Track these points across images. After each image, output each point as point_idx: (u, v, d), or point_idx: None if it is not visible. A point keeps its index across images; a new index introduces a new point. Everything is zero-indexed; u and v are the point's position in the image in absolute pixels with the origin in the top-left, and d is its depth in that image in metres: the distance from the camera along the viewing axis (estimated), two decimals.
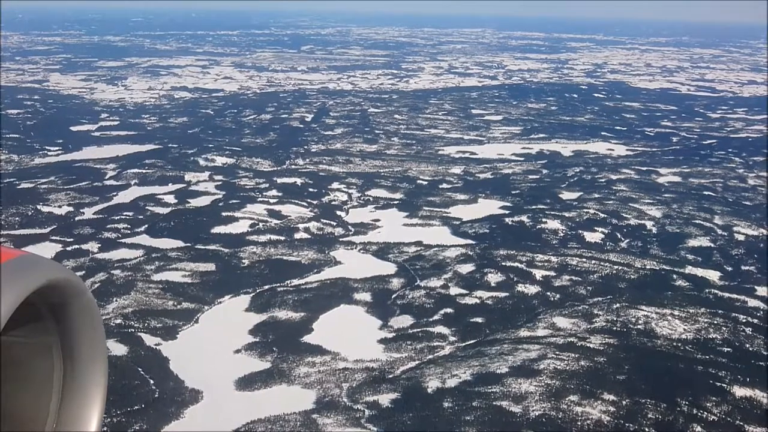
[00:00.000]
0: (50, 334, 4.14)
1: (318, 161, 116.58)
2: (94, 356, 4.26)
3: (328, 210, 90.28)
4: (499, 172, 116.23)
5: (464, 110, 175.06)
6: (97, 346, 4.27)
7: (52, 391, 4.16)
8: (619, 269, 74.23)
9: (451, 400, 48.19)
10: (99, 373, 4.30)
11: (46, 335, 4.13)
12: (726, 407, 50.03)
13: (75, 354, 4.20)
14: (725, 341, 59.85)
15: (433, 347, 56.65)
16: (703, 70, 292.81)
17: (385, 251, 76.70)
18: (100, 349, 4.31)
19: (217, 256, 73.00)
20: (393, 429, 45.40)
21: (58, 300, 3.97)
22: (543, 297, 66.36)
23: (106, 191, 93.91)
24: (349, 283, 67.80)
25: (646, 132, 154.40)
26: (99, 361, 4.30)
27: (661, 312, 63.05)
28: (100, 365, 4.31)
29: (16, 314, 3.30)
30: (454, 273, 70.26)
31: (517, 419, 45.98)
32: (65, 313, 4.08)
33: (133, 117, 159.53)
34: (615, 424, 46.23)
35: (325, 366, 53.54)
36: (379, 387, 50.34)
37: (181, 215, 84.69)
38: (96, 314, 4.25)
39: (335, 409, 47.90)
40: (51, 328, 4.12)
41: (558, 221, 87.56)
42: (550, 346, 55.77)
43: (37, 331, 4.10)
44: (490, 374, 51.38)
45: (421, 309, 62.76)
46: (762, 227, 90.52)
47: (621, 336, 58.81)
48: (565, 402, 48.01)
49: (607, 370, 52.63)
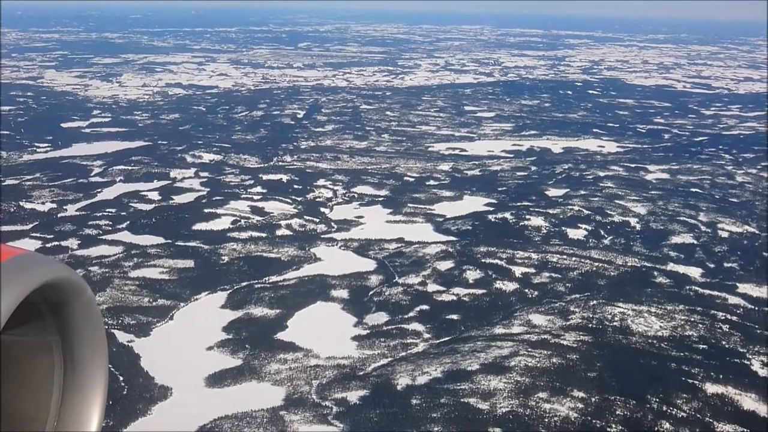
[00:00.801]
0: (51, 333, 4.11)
1: (306, 158, 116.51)
2: (94, 355, 4.23)
3: (312, 207, 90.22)
4: (487, 169, 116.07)
5: (457, 107, 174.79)
6: (97, 345, 4.24)
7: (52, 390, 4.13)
8: (600, 266, 74.07)
9: (419, 397, 48.11)
10: (100, 372, 4.27)
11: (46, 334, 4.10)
12: (696, 404, 49.95)
13: (76, 353, 4.17)
14: (701, 338, 59.72)
15: (406, 344, 56.58)
16: (699, 66, 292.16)
17: (366, 248, 76.61)
18: (101, 348, 4.27)
19: (196, 253, 72.96)
20: (359, 426, 45.31)
21: (59, 299, 3.95)
22: (521, 294, 66.26)
23: (91, 188, 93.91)
24: (327, 280, 67.74)
25: (638, 129, 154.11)
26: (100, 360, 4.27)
27: (637, 309, 62.92)
28: (100, 364, 4.27)
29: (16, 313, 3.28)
30: (433, 270, 70.15)
31: (483, 416, 45.91)
32: (66, 312, 4.05)
33: (125, 114, 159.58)
34: (582, 421, 46.13)
35: (297, 363, 53.49)
36: (348, 384, 50.27)
37: (164, 212, 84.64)
38: (97, 313, 4.22)
39: (303, 406, 47.87)
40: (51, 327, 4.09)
41: (542, 218, 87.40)
42: (524, 343, 55.65)
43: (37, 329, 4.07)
44: (460, 371, 51.28)
45: (397, 306, 62.68)
46: (747, 224, 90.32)
47: (596, 333, 58.69)
48: (534, 399, 47.92)
49: (578, 367, 52.51)
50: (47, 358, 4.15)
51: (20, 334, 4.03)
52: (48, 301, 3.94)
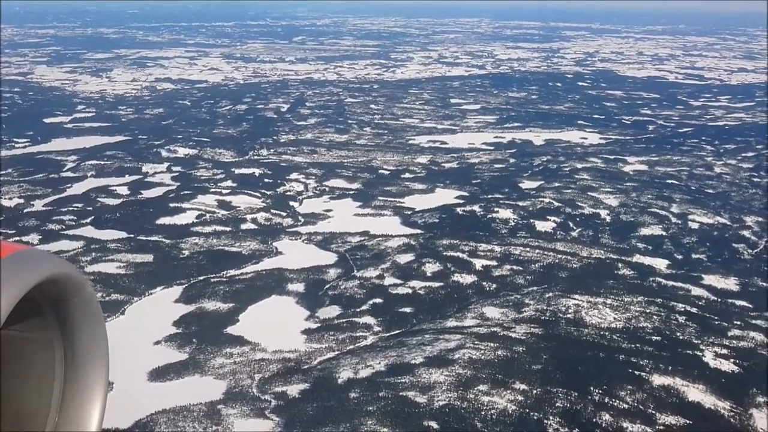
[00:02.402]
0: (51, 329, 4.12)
1: (283, 151, 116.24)
2: (95, 351, 4.25)
3: (281, 200, 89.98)
4: (465, 161, 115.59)
5: (443, 100, 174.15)
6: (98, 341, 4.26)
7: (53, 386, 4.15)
8: (563, 258, 73.69)
9: (359, 391, 47.92)
10: (100, 368, 4.28)
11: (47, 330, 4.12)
12: (640, 396, 49.67)
13: (76, 349, 4.18)
14: (655, 330, 59.39)
15: (355, 337, 56.38)
16: (694, 58, 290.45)
17: (329, 241, 76.36)
18: (102, 344, 4.29)
19: (157, 247, 72.83)
20: (294, 419, 45.16)
21: (59, 295, 3.96)
22: (478, 287, 65.95)
23: (61, 183, 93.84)
24: (285, 274, 67.53)
25: (623, 120, 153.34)
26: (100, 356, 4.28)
27: (593, 301, 62.61)
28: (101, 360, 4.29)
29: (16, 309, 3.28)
30: (392, 263, 69.88)
31: (420, 409, 45.68)
32: (66, 308, 4.06)
33: (109, 108, 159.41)
34: (520, 413, 45.88)
35: (243, 357, 53.35)
36: (291, 378, 50.12)
37: (129, 207, 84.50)
38: (97, 309, 4.23)
39: (242, 400, 47.75)
40: (52, 323, 4.11)
41: (510, 210, 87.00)
42: (472, 336, 55.39)
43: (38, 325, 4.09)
44: (404, 365, 51.06)
45: (351, 299, 62.44)
46: (719, 215, 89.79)
47: (548, 325, 58.38)
48: (473, 392, 47.68)
49: (523, 360, 52.24)
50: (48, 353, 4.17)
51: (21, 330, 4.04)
52: (48, 297, 3.96)
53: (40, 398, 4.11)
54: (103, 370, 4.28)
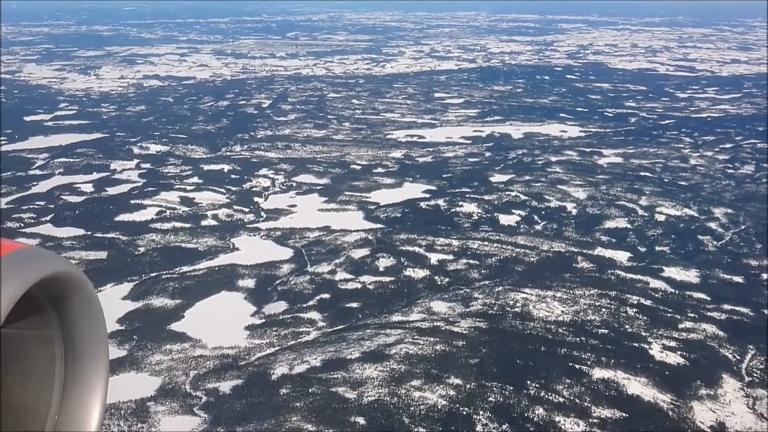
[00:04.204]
0: (52, 327, 4.14)
1: (256, 147, 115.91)
2: (95, 349, 4.25)
3: (246, 196, 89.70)
4: (440, 155, 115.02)
5: (426, 94, 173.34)
6: (98, 339, 4.27)
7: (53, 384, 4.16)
8: (522, 252, 73.24)
9: (290, 387, 47.66)
10: (100, 366, 4.29)
11: (47, 328, 4.13)
12: (578, 389, 49.33)
13: (76, 346, 4.20)
14: (603, 323, 59.01)
15: (298, 333, 56.13)
16: (688, 49, 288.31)
17: (288, 237, 76.09)
18: (102, 342, 4.30)
19: (113, 244, 72.67)
20: (221, 416, 44.92)
21: (60, 293, 3.97)
22: (430, 281, 65.56)
23: (27, 181, 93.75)
24: (238, 270, 67.30)
25: (606, 113, 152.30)
26: (100, 354, 4.29)
27: (543, 294, 62.17)
28: (101, 358, 4.29)
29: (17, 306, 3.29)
30: (346, 258, 69.54)
31: (348, 405, 45.39)
32: (67, 306, 4.08)
33: (92, 106, 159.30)
34: (449, 408, 45.53)
35: (181, 354, 53.16)
36: (225, 374, 49.88)
37: (91, 204, 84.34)
38: (97, 307, 4.24)
39: (173, 397, 47.56)
40: (52, 321, 4.13)
41: (475, 204, 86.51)
42: (413, 330, 55.05)
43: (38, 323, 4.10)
44: (340, 360, 50.76)
45: (299, 295, 62.18)
46: (687, 207, 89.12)
47: (494, 319, 57.98)
48: (405, 387, 47.35)
49: (462, 354, 51.87)
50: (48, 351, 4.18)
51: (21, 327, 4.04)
52: (49, 295, 3.97)
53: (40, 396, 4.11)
54: (103, 369, 4.29)
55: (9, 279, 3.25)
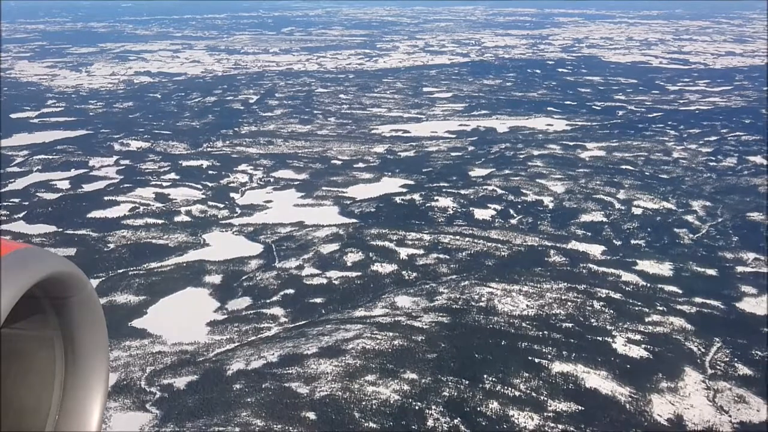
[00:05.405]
0: (52, 327, 4.14)
1: (238, 143, 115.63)
2: (95, 349, 4.26)
3: (222, 192, 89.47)
4: (423, 150, 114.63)
5: (415, 89, 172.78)
6: (98, 339, 4.27)
7: (53, 384, 4.17)
8: (493, 246, 72.89)
9: (243, 382, 47.50)
10: (100, 366, 4.30)
11: (47, 328, 4.14)
12: (535, 383, 49.07)
13: (76, 347, 4.20)
14: (568, 317, 58.69)
15: (259, 329, 55.95)
16: (683, 42, 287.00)
17: (259, 232, 75.86)
18: (102, 342, 4.31)
19: (83, 241, 72.54)
20: (172, 412, 44.78)
21: (60, 293, 3.97)
22: (397, 276, 65.28)
23: (5, 178, 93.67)
24: (206, 266, 67.11)
25: (594, 106, 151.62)
26: (100, 354, 4.30)
27: (509, 289, 61.87)
28: (101, 358, 4.30)
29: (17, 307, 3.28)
30: (315, 253, 69.30)
31: (299, 400, 45.20)
32: (67, 306, 4.07)
33: (80, 103, 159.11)
34: (402, 403, 45.31)
35: (140, 350, 53.02)
36: (181, 370, 49.74)
37: (65, 201, 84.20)
38: (97, 307, 4.24)
39: (127, 392, 47.43)
40: (52, 321, 4.13)
41: (451, 199, 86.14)
42: (373, 325, 54.81)
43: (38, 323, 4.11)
44: (296, 355, 50.56)
45: (264, 290, 61.97)
46: (666, 200, 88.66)
47: (457, 314, 57.70)
48: (359, 382, 47.14)
49: (420, 349, 51.62)
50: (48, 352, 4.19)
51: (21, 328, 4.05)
52: (49, 295, 3.97)
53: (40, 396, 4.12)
54: (103, 369, 4.29)
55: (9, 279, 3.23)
